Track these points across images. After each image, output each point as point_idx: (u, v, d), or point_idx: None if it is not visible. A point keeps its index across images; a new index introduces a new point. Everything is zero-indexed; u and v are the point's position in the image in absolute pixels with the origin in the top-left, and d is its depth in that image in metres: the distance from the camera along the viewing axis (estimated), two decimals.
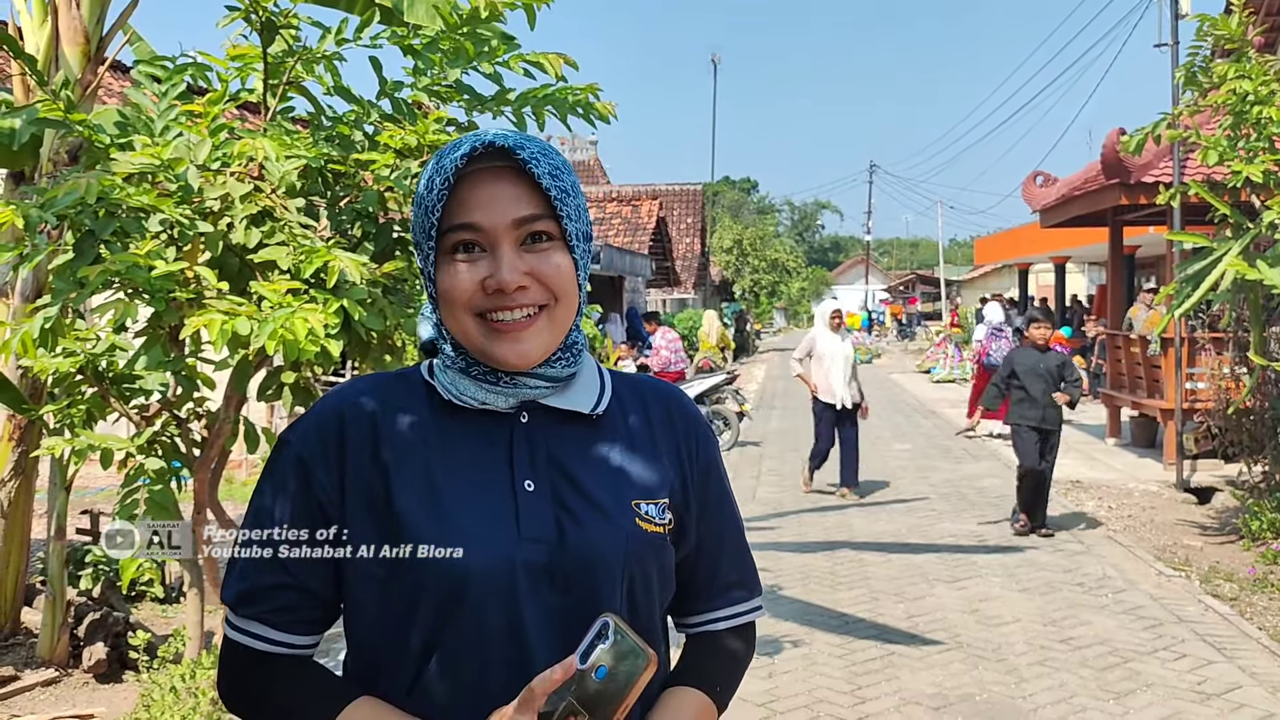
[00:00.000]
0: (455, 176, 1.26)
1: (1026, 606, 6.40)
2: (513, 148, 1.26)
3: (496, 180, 1.26)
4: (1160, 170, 11.37)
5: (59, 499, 4.92)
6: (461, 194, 1.26)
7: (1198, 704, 4.84)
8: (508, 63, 4.21)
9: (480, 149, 1.26)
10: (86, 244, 3.66)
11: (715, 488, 1.45)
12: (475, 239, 1.26)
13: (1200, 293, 7.00)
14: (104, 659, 4.84)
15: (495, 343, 1.26)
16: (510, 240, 1.26)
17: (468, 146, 1.26)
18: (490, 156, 1.27)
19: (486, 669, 1.24)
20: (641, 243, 24.61)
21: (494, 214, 1.25)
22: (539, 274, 1.26)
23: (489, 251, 1.26)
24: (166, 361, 3.88)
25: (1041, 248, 24.57)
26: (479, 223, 1.25)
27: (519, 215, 1.26)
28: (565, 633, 1.24)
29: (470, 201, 1.26)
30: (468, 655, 1.24)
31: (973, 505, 9.66)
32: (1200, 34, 7.54)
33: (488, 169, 1.26)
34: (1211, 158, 7.22)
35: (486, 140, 1.26)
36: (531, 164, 1.26)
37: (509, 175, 1.26)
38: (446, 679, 1.25)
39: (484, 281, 1.25)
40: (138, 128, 4.03)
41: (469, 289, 1.26)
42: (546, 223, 1.27)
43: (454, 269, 1.27)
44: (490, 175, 1.26)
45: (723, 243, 41.76)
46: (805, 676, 5.20)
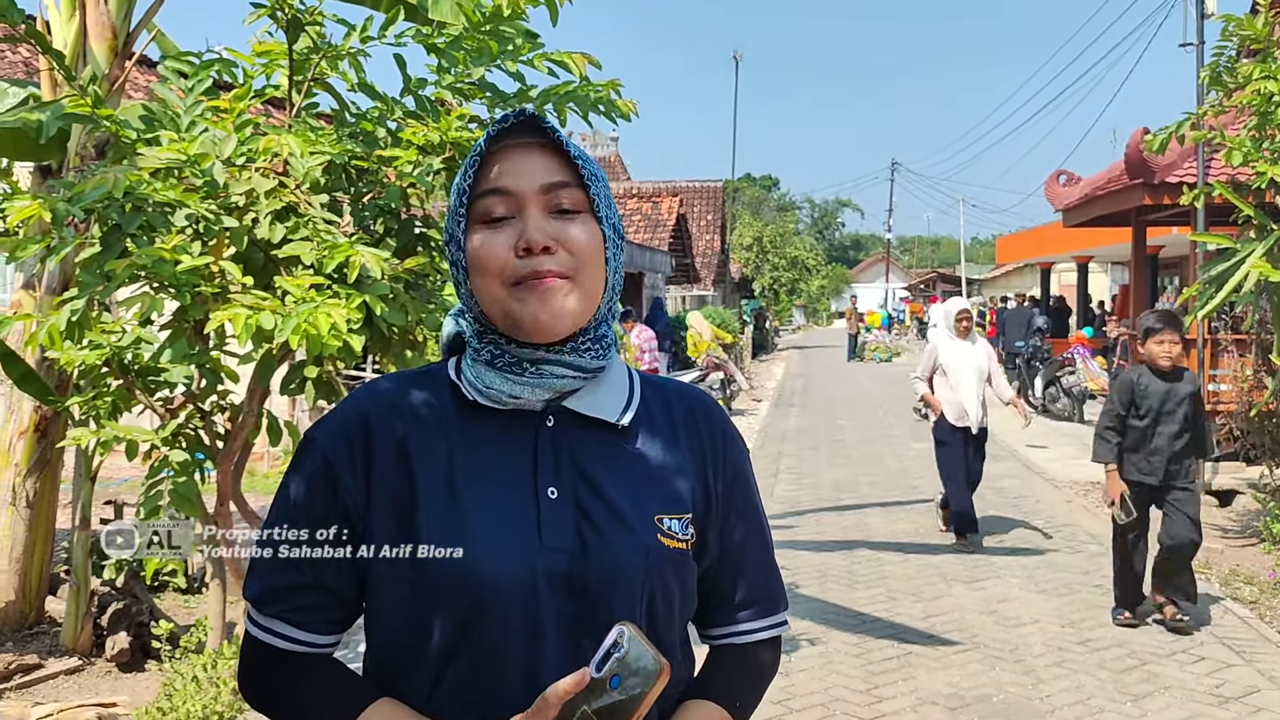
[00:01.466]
0: (489, 148, 1.31)
1: (1045, 608, 6.38)
2: (541, 118, 1.32)
3: (527, 152, 1.30)
4: (1184, 170, 11.30)
5: (84, 489, 4.97)
6: (493, 164, 1.30)
7: (1216, 707, 4.82)
8: (532, 61, 4.23)
9: (513, 120, 1.31)
10: (113, 238, 3.70)
11: (741, 498, 1.43)
12: (505, 206, 1.28)
13: (1223, 294, 6.96)
14: (126, 648, 4.89)
15: (524, 303, 1.26)
16: (539, 205, 1.28)
17: (501, 120, 1.32)
18: (522, 132, 1.31)
19: (503, 676, 1.24)
20: (661, 239, 24.60)
21: (522, 180, 1.28)
22: (566, 239, 1.28)
23: (518, 218, 1.28)
24: (191, 355, 3.92)
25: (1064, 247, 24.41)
26: (508, 186, 1.28)
27: (547, 180, 1.29)
28: (582, 642, 1.24)
29: (501, 169, 1.29)
30: (485, 662, 1.24)
31: (991, 506, 9.63)
32: (1225, 34, 7.49)
33: (519, 144, 1.31)
34: (1236, 158, 7.17)
35: (518, 116, 1.31)
36: (558, 132, 1.31)
37: (539, 148, 1.30)
38: (464, 684, 1.25)
39: (514, 245, 1.27)
40: (164, 123, 4.07)
41: (499, 253, 1.27)
42: (574, 192, 1.30)
43: (484, 235, 1.29)
44: (521, 148, 1.30)
45: (743, 240, 41.69)
46: (821, 675, 5.21)
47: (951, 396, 8.09)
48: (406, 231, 4.25)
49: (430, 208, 4.49)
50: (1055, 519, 9.05)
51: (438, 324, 4.02)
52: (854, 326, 33.90)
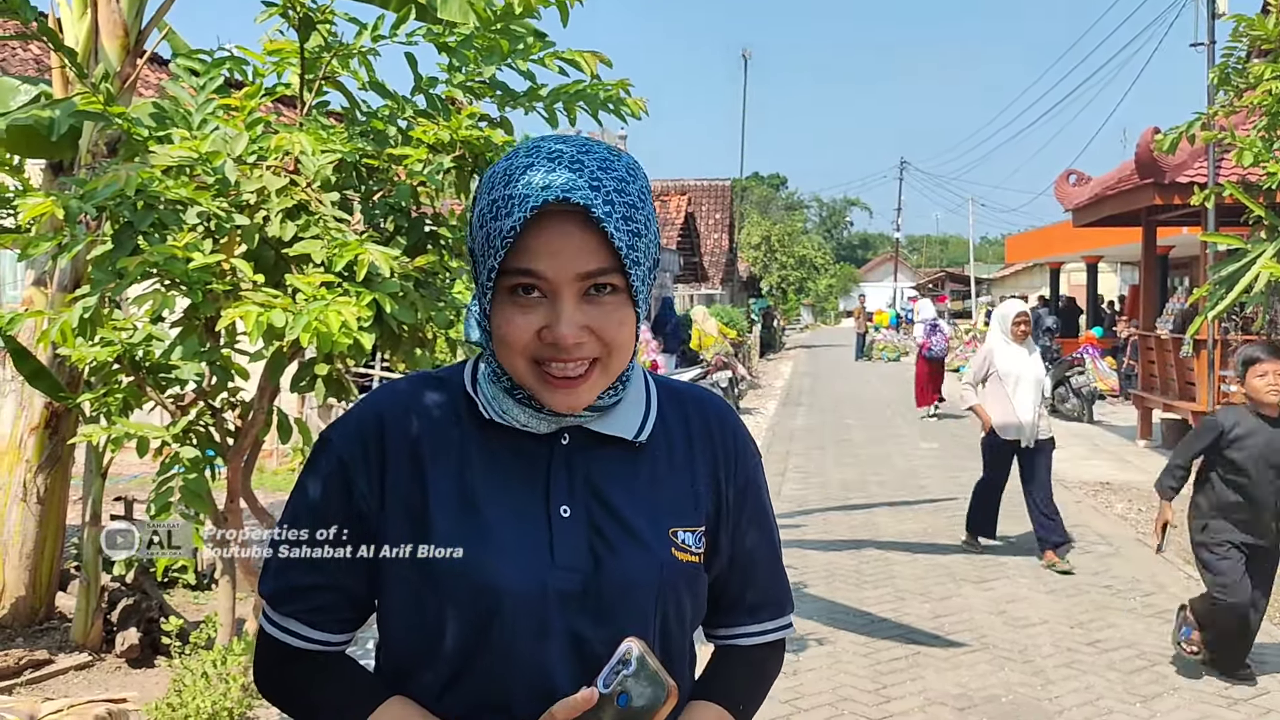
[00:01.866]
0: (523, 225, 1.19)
1: (1054, 608, 6.37)
2: (587, 204, 1.17)
3: (565, 226, 1.19)
4: (1195, 171, 11.27)
5: (94, 486, 4.99)
6: (527, 237, 1.19)
7: (1225, 709, 4.81)
8: (543, 60, 4.24)
9: (551, 205, 1.18)
10: (125, 235, 3.72)
11: (752, 505, 1.42)
12: (536, 284, 1.20)
13: (1234, 295, 6.93)
14: (136, 644, 4.90)
15: (547, 393, 1.23)
16: (572, 293, 1.20)
17: (539, 198, 1.17)
18: (562, 201, 1.18)
19: (512, 691, 1.24)
20: (670, 238, 24.63)
21: (558, 265, 1.19)
22: (598, 329, 1.21)
23: (549, 298, 1.20)
24: (202, 352, 3.94)
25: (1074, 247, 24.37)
26: (542, 271, 1.19)
27: (585, 270, 1.19)
28: (593, 659, 1.24)
29: (535, 248, 1.19)
30: (494, 675, 1.24)
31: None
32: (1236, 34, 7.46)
33: (558, 212, 1.18)
34: (1247, 159, 7.14)
35: (560, 196, 1.17)
36: (605, 219, 1.18)
37: (578, 222, 1.19)
38: (472, 697, 1.25)
39: (540, 331, 1.20)
40: (175, 121, 4.09)
41: (525, 336, 1.21)
42: (613, 276, 1.21)
43: (511, 313, 1.22)
44: (559, 220, 1.18)
45: (751, 239, 41.67)
46: (829, 675, 5.21)
47: (1004, 407, 7.49)
48: (416, 230, 4.26)
49: (440, 206, 4.50)
50: (1065, 519, 9.02)
51: (447, 321, 4.03)
52: (862, 325, 33.86)
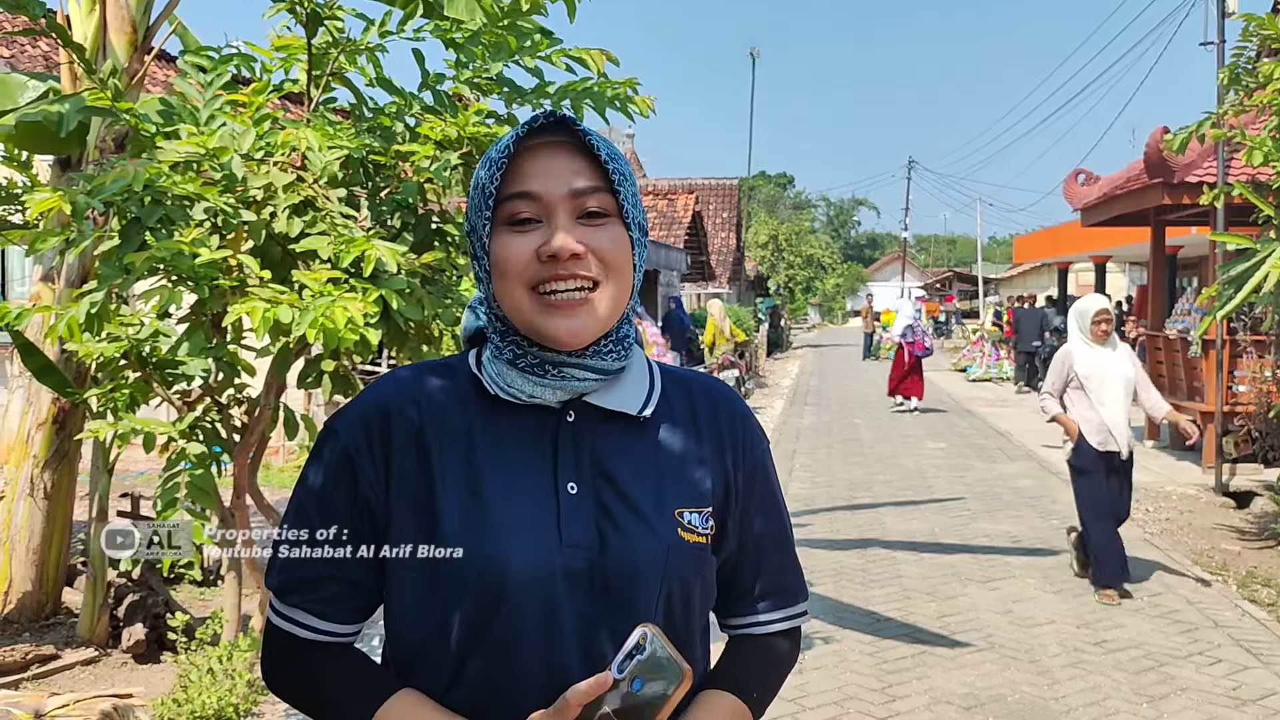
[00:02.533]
0: (516, 147, 1.26)
1: (1060, 608, 6.36)
2: (572, 119, 1.27)
3: (555, 153, 1.26)
4: (1204, 170, 11.23)
5: (101, 481, 5.00)
6: (520, 164, 1.26)
7: (1233, 709, 4.79)
8: (550, 57, 4.24)
9: (542, 120, 1.27)
10: (132, 231, 3.72)
11: (761, 490, 1.42)
12: (531, 210, 1.25)
13: (1243, 295, 6.91)
14: (142, 640, 4.91)
15: (549, 318, 1.25)
16: (566, 210, 1.25)
17: (527, 124, 1.27)
18: (550, 131, 1.27)
19: (521, 671, 1.24)
20: (677, 237, 24.61)
21: (551, 183, 1.25)
22: (594, 246, 1.25)
23: (544, 222, 1.25)
24: (209, 348, 3.94)
25: (1082, 247, 24.30)
26: (535, 190, 1.25)
27: (576, 186, 1.25)
28: (601, 639, 1.24)
29: (528, 171, 1.26)
30: (504, 656, 1.24)
31: (1008, 505, 9.60)
32: (1246, 33, 7.45)
33: (547, 143, 1.27)
34: (1256, 158, 7.13)
35: (549, 111, 1.27)
36: (589, 135, 1.26)
37: (567, 149, 1.27)
38: (482, 679, 1.25)
39: (538, 250, 1.24)
40: (183, 117, 4.09)
41: (523, 258, 1.25)
42: (603, 196, 1.26)
43: (509, 238, 1.26)
44: (549, 148, 1.26)
45: (758, 238, 41.67)
46: (835, 674, 5.20)
47: (1093, 415, 6.60)
48: (423, 226, 4.25)
49: (447, 203, 4.50)
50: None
51: (454, 319, 4.02)
52: (870, 325, 33.80)
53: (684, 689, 1.18)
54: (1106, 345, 6.71)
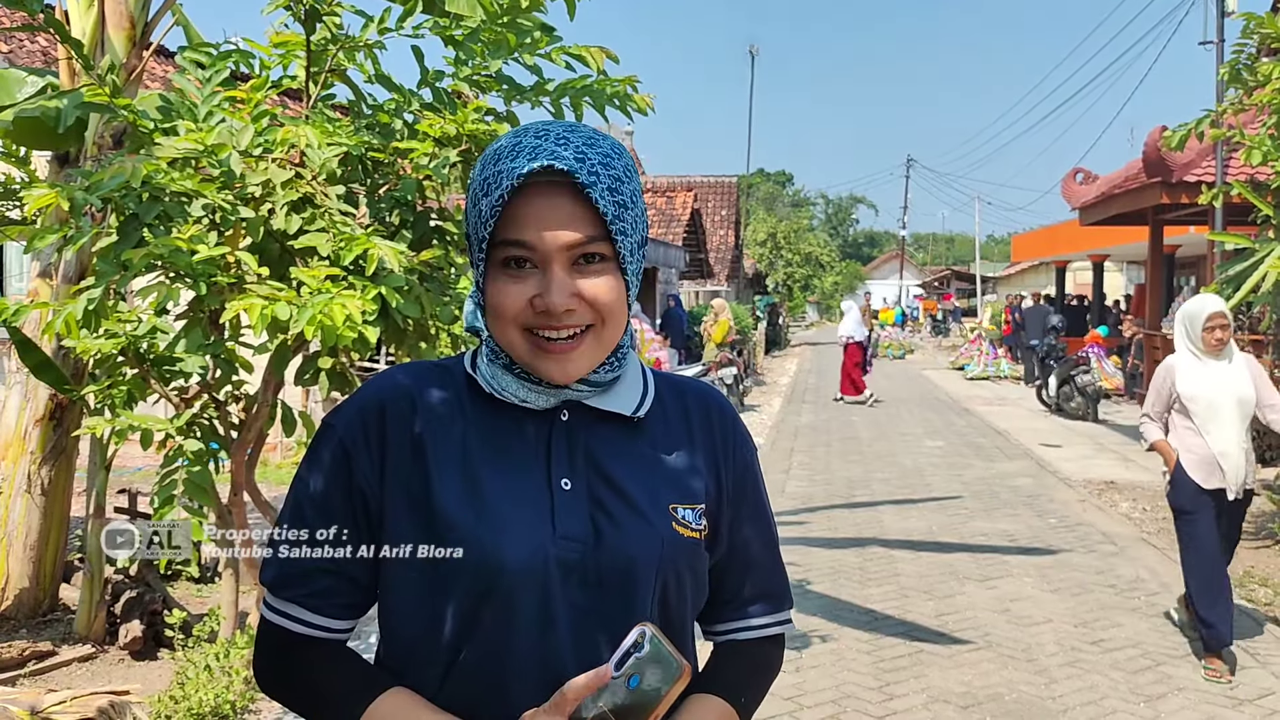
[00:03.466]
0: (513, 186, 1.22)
1: (1058, 607, 6.36)
2: (572, 171, 1.21)
3: (552, 197, 1.22)
4: (1202, 169, 11.24)
5: (99, 478, 4.99)
6: (516, 208, 1.22)
7: (1230, 709, 4.79)
8: (549, 54, 4.23)
9: (538, 170, 1.21)
10: (130, 227, 3.72)
11: (750, 495, 1.44)
12: (526, 255, 1.23)
13: (1241, 294, 6.92)
14: (140, 636, 4.91)
15: (541, 361, 1.25)
16: (562, 261, 1.23)
17: (525, 166, 1.21)
18: (548, 170, 1.22)
19: (515, 666, 1.24)
20: (675, 234, 24.60)
21: (547, 235, 1.22)
22: (588, 296, 1.24)
23: (539, 269, 1.23)
24: (206, 345, 3.94)
25: (1079, 245, 24.33)
26: (531, 241, 1.22)
27: (572, 239, 1.22)
28: (596, 632, 1.25)
29: (524, 218, 1.22)
30: (497, 651, 1.25)
31: (1005, 504, 9.60)
32: (1246, 32, 7.45)
33: (545, 184, 1.22)
34: (1255, 157, 7.13)
35: (545, 164, 1.21)
36: (590, 186, 1.21)
37: (566, 193, 1.22)
38: (476, 674, 1.25)
39: (532, 300, 1.23)
40: (181, 113, 4.08)
41: (517, 306, 1.24)
42: (600, 245, 1.24)
43: (503, 284, 1.25)
44: (547, 191, 1.22)
45: (757, 235, 41.63)
46: (833, 672, 5.20)
47: (1198, 444, 5.33)
48: (422, 224, 4.25)
49: (446, 200, 4.49)
50: (1069, 518, 9.02)
51: (452, 316, 4.02)
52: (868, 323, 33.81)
53: (681, 686, 1.18)
54: (1221, 357, 5.37)
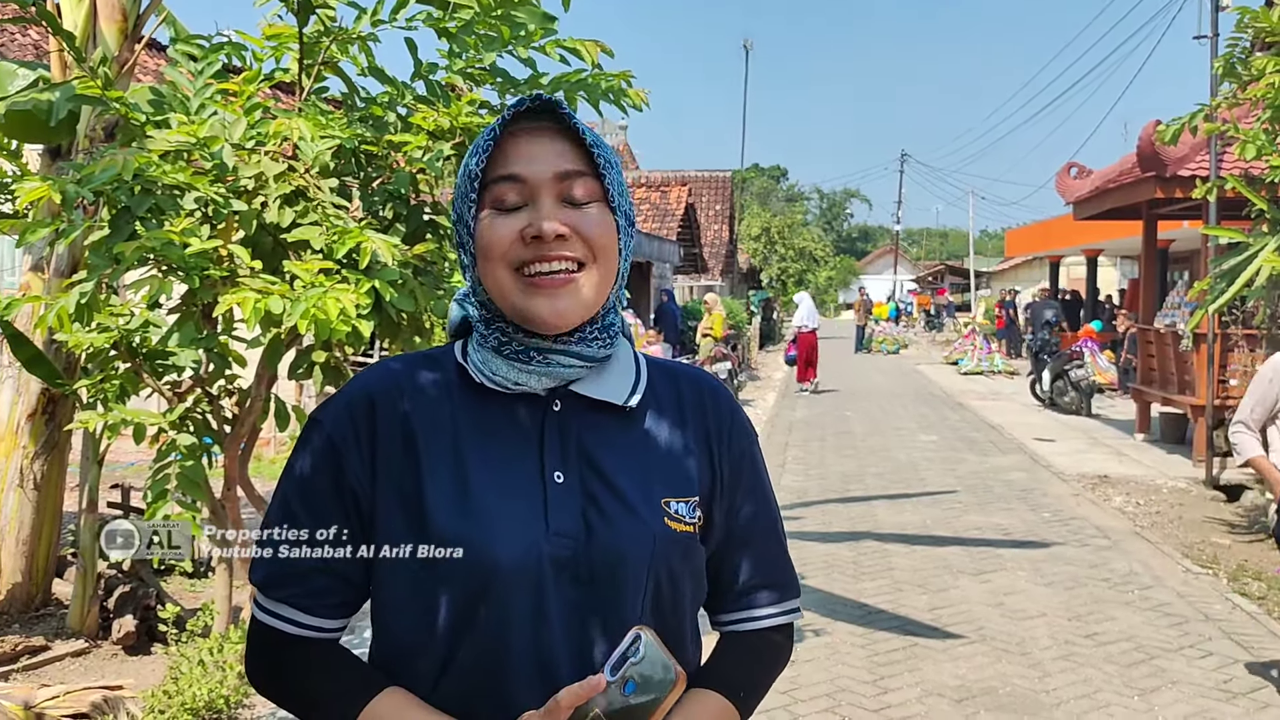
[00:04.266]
0: (501, 132, 1.27)
1: (1052, 601, 6.37)
2: (557, 103, 1.27)
3: (540, 137, 1.27)
4: (1196, 164, 11.24)
5: (91, 472, 4.98)
6: (505, 148, 1.27)
7: (1223, 702, 4.80)
8: (544, 47, 4.21)
9: (528, 104, 1.27)
10: (122, 220, 3.70)
11: (748, 482, 1.41)
12: (517, 193, 1.26)
13: (1235, 288, 6.92)
14: (133, 631, 4.90)
15: (532, 299, 1.24)
16: (551, 193, 1.25)
17: (515, 104, 1.28)
18: (536, 116, 1.28)
19: (509, 664, 1.23)
20: (670, 229, 24.56)
21: (536, 166, 1.25)
22: (579, 228, 1.26)
23: (530, 205, 1.26)
24: (199, 338, 3.92)
25: (1073, 240, 24.33)
26: (521, 173, 1.25)
27: (561, 169, 1.26)
28: (589, 628, 1.24)
29: (513, 154, 1.26)
30: (491, 647, 1.23)
31: (999, 498, 9.61)
32: (1240, 26, 7.45)
33: (532, 128, 1.28)
34: (1249, 152, 7.13)
35: (534, 95, 1.28)
36: (575, 123, 1.27)
37: (553, 133, 1.27)
38: (470, 672, 1.24)
39: (523, 231, 1.25)
40: (173, 106, 4.06)
41: (508, 239, 1.25)
42: (589, 181, 1.27)
43: (494, 221, 1.26)
44: (534, 133, 1.27)
45: (751, 230, 41.61)
46: (827, 666, 5.20)
47: None
48: (415, 217, 4.24)
49: (439, 194, 4.48)
50: (1062, 512, 9.04)
51: (445, 310, 4.01)
52: (863, 318, 33.84)
53: (677, 693, 1.17)
54: None
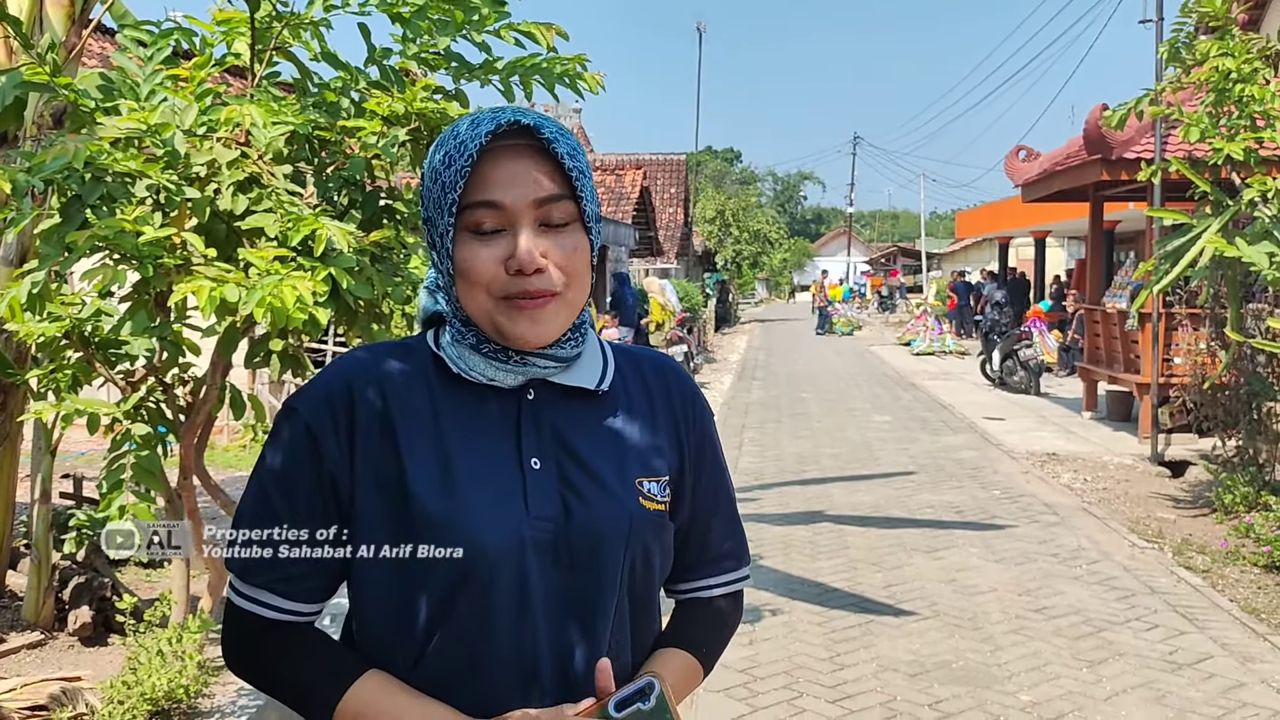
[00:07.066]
0: (478, 149, 1.25)
1: (1002, 576, 6.49)
2: (535, 126, 1.25)
3: (518, 158, 1.26)
4: (1142, 147, 11.43)
5: (43, 463, 4.91)
6: (483, 170, 1.25)
7: (1169, 673, 4.94)
8: (498, 31, 4.20)
9: (504, 126, 1.25)
10: (73, 209, 3.64)
11: (710, 460, 1.47)
12: (495, 219, 1.25)
13: (1179, 269, 7.07)
14: (89, 622, 4.85)
15: (515, 321, 1.26)
16: (530, 220, 1.26)
17: (490, 124, 1.25)
18: (512, 134, 1.26)
19: (492, 648, 1.26)
20: (625, 212, 24.54)
21: (515, 192, 1.25)
22: (556, 256, 1.27)
23: (508, 230, 1.26)
24: (152, 327, 3.88)
25: (1022, 222, 24.65)
26: (500, 200, 1.25)
27: (540, 195, 1.26)
28: (568, 612, 1.28)
29: (492, 179, 1.25)
30: (473, 631, 1.25)
31: (951, 477, 9.76)
32: (1185, 11, 7.58)
33: (509, 146, 1.26)
34: (1193, 134, 7.27)
35: (510, 119, 1.25)
36: (554, 143, 1.26)
37: (530, 153, 1.26)
38: (452, 654, 1.26)
39: (505, 262, 1.25)
40: (123, 92, 4.00)
41: (490, 269, 1.26)
42: (566, 204, 1.27)
43: (474, 247, 1.26)
44: (512, 152, 1.26)
45: (705, 213, 41.67)
46: (785, 644, 5.27)
47: None
48: (371, 204, 4.21)
49: (395, 180, 4.45)
50: (1012, 490, 9.19)
51: (404, 297, 4.00)
52: (822, 300, 34.08)
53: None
54: None
